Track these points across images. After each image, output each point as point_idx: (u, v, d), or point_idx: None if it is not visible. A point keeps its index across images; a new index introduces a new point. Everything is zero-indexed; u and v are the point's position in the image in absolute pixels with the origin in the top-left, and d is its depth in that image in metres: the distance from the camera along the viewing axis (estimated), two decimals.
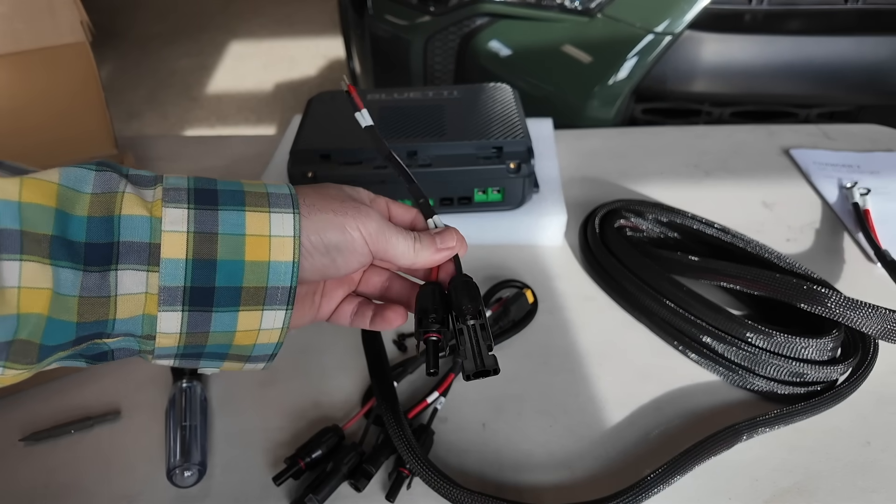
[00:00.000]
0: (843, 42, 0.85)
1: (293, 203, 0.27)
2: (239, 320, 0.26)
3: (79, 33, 0.57)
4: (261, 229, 0.25)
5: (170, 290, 0.24)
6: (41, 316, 0.22)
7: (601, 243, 0.50)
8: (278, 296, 0.26)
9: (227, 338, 0.26)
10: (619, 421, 0.40)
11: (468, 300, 0.29)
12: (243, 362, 0.28)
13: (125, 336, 0.25)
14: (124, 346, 0.25)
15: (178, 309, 0.24)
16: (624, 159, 0.66)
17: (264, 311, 0.26)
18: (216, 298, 0.25)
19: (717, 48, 0.86)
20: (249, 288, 0.25)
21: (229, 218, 0.25)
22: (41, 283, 0.22)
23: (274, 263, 0.25)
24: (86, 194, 0.24)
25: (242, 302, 0.25)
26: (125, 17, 2.84)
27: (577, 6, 0.90)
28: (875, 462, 0.37)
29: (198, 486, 0.37)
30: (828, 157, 0.66)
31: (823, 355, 0.40)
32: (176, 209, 0.24)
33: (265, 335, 0.27)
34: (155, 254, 0.24)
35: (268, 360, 0.29)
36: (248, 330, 0.26)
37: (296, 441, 0.39)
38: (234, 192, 0.26)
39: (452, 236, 0.31)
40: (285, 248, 0.26)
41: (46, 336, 0.23)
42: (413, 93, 0.59)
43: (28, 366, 0.23)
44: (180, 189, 0.25)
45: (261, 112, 2.12)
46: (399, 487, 0.36)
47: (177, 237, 0.24)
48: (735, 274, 0.44)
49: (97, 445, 0.39)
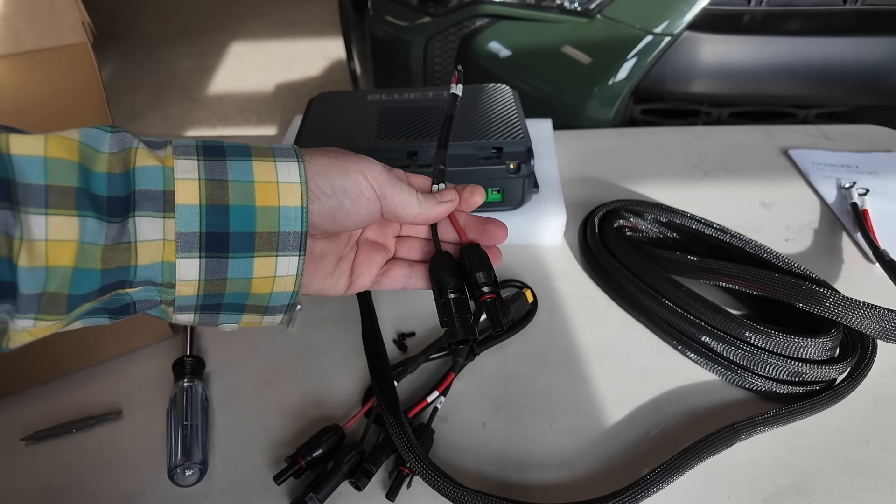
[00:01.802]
0: (842, 43, 0.85)
1: (297, 154, 0.28)
2: (255, 266, 0.27)
3: (80, 34, 0.57)
4: (268, 176, 0.26)
5: (186, 235, 0.25)
6: (68, 268, 0.23)
7: (600, 243, 0.50)
8: (290, 241, 0.27)
9: (244, 285, 0.27)
10: (619, 420, 0.40)
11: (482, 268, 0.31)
12: (262, 314, 0.29)
13: (146, 285, 0.26)
14: (146, 296, 0.26)
15: (196, 255, 0.25)
16: (623, 159, 0.67)
17: (278, 256, 0.27)
18: (231, 244, 0.26)
19: (715, 49, 0.87)
20: (262, 233, 0.26)
21: (238, 166, 0.26)
22: (67, 236, 0.23)
23: (284, 209, 0.26)
24: (104, 153, 0.25)
25: (257, 247, 0.26)
26: (127, 18, 2.84)
27: (576, 7, 0.90)
28: (874, 461, 0.37)
29: (199, 486, 0.37)
30: (826, 158, 0.66)
31: (822, 355, 0.40)
32: (186, 160, 0.26)
33: (281, 283, 0.28)
34: (170, 201, 0.25)
35: (284, 313, 0.29)
36: (265, 277, 0.27)
37: (296, 440, 0.39)
38: (240, 147, 0.27)
39: (451, 192, 0.33)
40: (293, 193, 0.27)
41: (74, 286, 0.24)
42: (413, 93, 0.59)
43: (58, 317, 0.24)
44: (189, 146, 0.26)
45: (262, 113, 2.12)
46: (399, 486, 0.36)
47: (189, 184, 0.25)
48: (734, 274, 0.44)
49: (98, 445, 0.39)
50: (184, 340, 0.45)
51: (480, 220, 0.34)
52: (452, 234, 0.34)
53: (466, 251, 0.32)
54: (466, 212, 0.34)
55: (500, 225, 0.34)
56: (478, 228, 0.34)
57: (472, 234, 0.34)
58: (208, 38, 2.62)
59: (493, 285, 0.31)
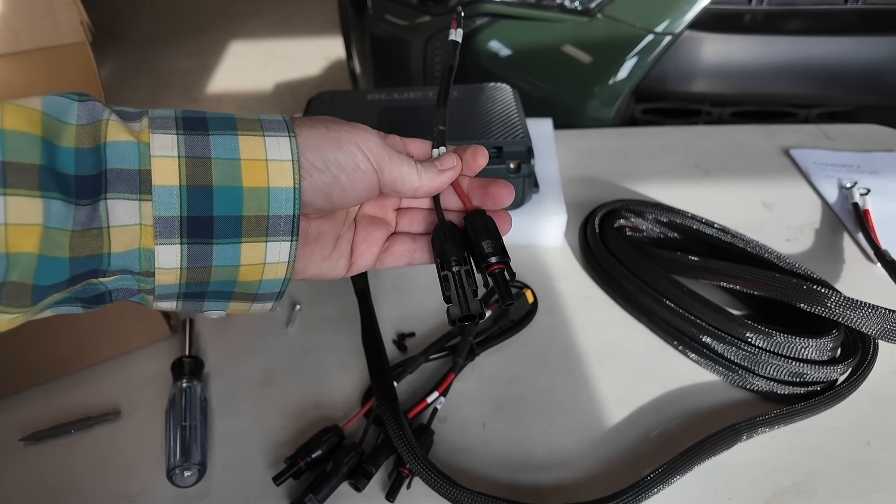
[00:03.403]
0: (843, 42, 0.85)
1: (287, 127, 0.25)
2: (242, 253, 0.24)
3: (79, 33, 0.57)
4: (256, 153, 0.24)
5: (165, 220, 0.22)
6: (32, 255, 0.20)
7: (601, 243, 0.50)
8: (281, 225, 0.24)
9: (231, 273, 0.25)
10: (619, 421, 0.40)
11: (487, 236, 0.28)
12: (250, 302, 0.27)
13: (122, 273, 0.23)
14: (122, 285, 0.24)
15: (177, 241, 0.23)
16: (624, 159, 0.66)
17: (268, 242, 0.24)
18: (216, 229, 0.23)
19: (717, 48, 0.86)
20: (250, 217, 0.24)
21: (222, 142, 0.23)
22: (30, 219, 0.20)
23: (274, 190, 0.24)
24: (71, 125, 0.22)
25: (244, 233, 0.24)
26: (126, 17, 2.84)
27: (577, 6, 0.90)
28: (875, 462, 0.37)
29: (198, 486, 0.37)
30: (827, 157, 0.66)
31: (823, 355, 0.40)
32: (165, 135, 0.23)
33: (271, 270, 0.25)
34: (146, 181, 0.22)
35: (276, 300, 0.27)
36: (253, 264, 0.25)
37: (296, 441, 0.39)
38: (225, 118, 0.25)
39: (452, 157, 0.30)
40: (284, 172, 0.24)
41: (39, 276, 0.21)
42: (413, 93, 0.59)
43: (22, 309, 0.21)
44: (167, 118, 0.24)
45: (261, 112, 2.12)
46: (399, 487, 0.36)
47: (168, 162, 0.22)
48: (735, 274, 0.44)
49: (97, 445, 0.39)
50: (182, 341, 0.45)
51: (483, 181, 0.31)
52: (456, 201, 0.31)
53: (471, 219, 0.29)
54: (469, 176, 0.31)
55: (505, 185, 0.30)
56: (481, 192, 0.30)
57: (475, 200, 0.30)
58: (207, 38, 2.62)
59: (501, 254, 0.28)
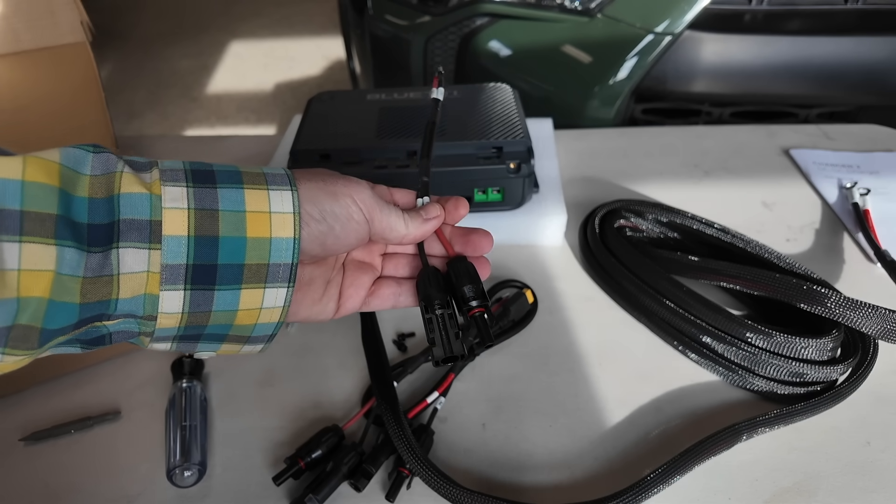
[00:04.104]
0: (843, 42, 0.85)
1: (290, 181, 0.27)
2: (241, 298, 0.26)
3: (79, 33, 0.57)
4: (261, 206, 0.25)
5: (172, 268, 0.24)
6: (42, 299, 0.22)
7: (601, 243, 0.50)
8: (280, 273, 0.26)
9: (228, 317, 0.26)
10: (619, 421, 0.40)
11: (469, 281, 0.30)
12: (242, 343, 0.28)
13: (126, 317, 0.24)
14: (123, 328, 0.25)
15: (181, 288, 0.24)
16: (624, 159, 0.66)
17: (266, 288, 0.26)
18: (219, 276, 0.25)
19: (717, 48, 0.86)
20: (252, 265, 0.25)
21: (229, 195, 0.25)
22: (43, 265, 0.21)
23: (276, 240, 0.26)
24: (85, 175, 0.23)
25: (245, 279, 0.25)
26: (126, 17, 2.84)
27: (577, 6, 0.90)
28: (875, 462, 0.37)
29: (198, 486, 0.37)
30: (828, 158, 0.66)
31: (823, 355, 0.40)
32: (175, 187, 0.24)
33: (266, 314, 0.27)
34: (156, 231, 0.24)
35: (266, 342, 0.29)
36: (250, 309, 0.26)
37: (296, 441, 0.39)
38: (231, 172, 0.26)
39: (436, 207, 0.32)
40: (286, 224, 0.26)
41: (48, 319, 0.22)
42: (413, 93, 0.59)
43: (28, 351, 0.22)
44: (177, 170, 0.25)
45: (261, 112, 2.12)
46: (399, 487, 0.36)
47: (178, 214, 0.24)
48: (735, 274, 0.44)
49: (97, 445, 0.39)
50: None
51: (465, 230, 0.33)
52: (439, 247, 0.33)
53: (453, 264, 0.32)
54: (452, 224, 0.34)
55: (485, 234, 0.33)
56: (462, 239, 0.33)
57: (457, 246, 0.33)
58: (208, 38, 2.62)
59: (481, 298, 0.30)
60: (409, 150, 0.51)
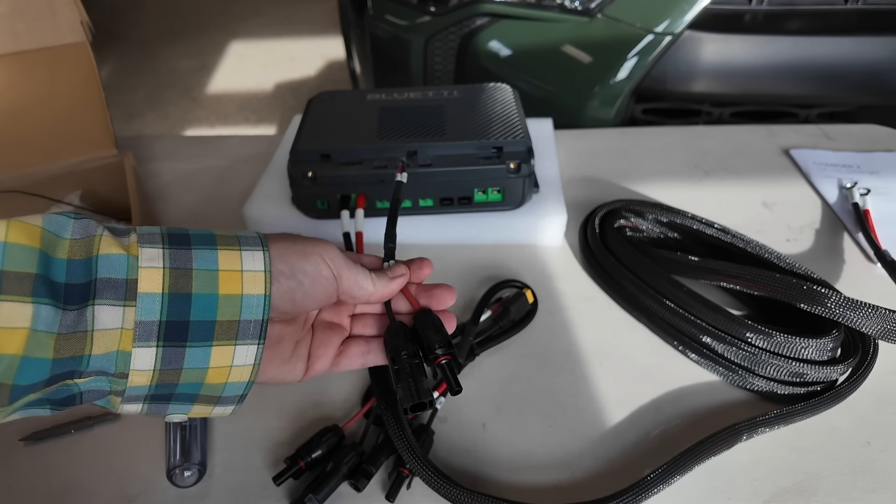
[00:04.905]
0: (843, 42, 0.85)
1: (262, 243, 0.28)
2: (212, 356, 0.26)
3: (79, 33, 0.57)
4: (233, 265, 0.27)
5: (145, 324, 0.25)
6: (15, 356, 0.22)
7: (601, 243, 0.50)
8: (251, 329, 0.27)
9: (199, 375, 0.27)
10: (619, 421, 0.40)
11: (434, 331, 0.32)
12: (213, 405, 0.29)
13: (97, 375, 0.25)
14: (94, 386, 0.25)
15: (153, 345, 0.25)
16: (624, 159, 0.66)
17: (237, 345, 0.27)
18: (190, 333, 0.26)
19: (717, 48, 0.86)
20: (223, 322, 0.26)
21: (203, 255, 0.26)
22: (17, 323, 0.22)
23: (246, 297, 0.26)
24: (66, 239, 0.24)
25: (216, 336, 0.26)
26: (126, 17, 2.84)
27: (577, 6, 0.90)
28: (875, 462, 0.37)
29: (197, 487, 0.37)
30: (828, 158, 0.66)
31: (823, 355, 0.40)
32: (152, 248, 0.26)
33: (237, 373, 0.27)
34: (132, 289, 0.25)
35: (237, 403, 0.29)
36: (220, 367, 0.27)
37: (296, 441, 0.39)
38: (206, 235, 0.28)
39: (401, 266, 0.34)
40: (257, 281, 0.27)
41: (20, 375, 0.22)
42: (413, 93, 0.59)
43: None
44: (154, 234, 0.26)
45: (261, 112, 2.12)
46: (399, 487, 0.36)
47: (154, 272, 0.25)
48: (735, 274, 0.44)
49: (97, 446, 0.39)
50: None
51: (429, 286, 0.35)
52: (405, 305, 0.35)
53: (419, 317, 0.33)
54: (417, 283, 0.35)
55: (448, 289, 0.35)
56: (426, 294, 0.35)
57: (422, 300, 0.35)
58: (207, 38, 2.62)
59: (447, 347, 0.31)
60: (409, 150, 0.51)
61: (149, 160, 0.69)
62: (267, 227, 0.56)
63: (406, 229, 0.55)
